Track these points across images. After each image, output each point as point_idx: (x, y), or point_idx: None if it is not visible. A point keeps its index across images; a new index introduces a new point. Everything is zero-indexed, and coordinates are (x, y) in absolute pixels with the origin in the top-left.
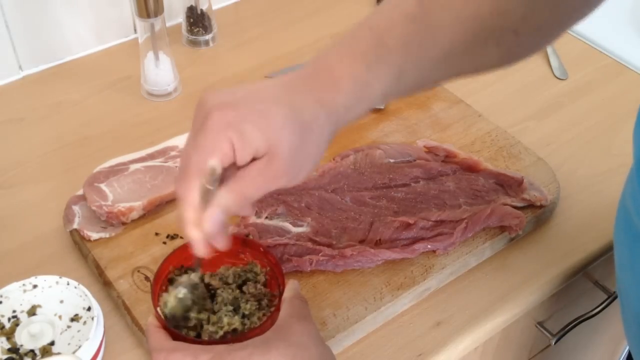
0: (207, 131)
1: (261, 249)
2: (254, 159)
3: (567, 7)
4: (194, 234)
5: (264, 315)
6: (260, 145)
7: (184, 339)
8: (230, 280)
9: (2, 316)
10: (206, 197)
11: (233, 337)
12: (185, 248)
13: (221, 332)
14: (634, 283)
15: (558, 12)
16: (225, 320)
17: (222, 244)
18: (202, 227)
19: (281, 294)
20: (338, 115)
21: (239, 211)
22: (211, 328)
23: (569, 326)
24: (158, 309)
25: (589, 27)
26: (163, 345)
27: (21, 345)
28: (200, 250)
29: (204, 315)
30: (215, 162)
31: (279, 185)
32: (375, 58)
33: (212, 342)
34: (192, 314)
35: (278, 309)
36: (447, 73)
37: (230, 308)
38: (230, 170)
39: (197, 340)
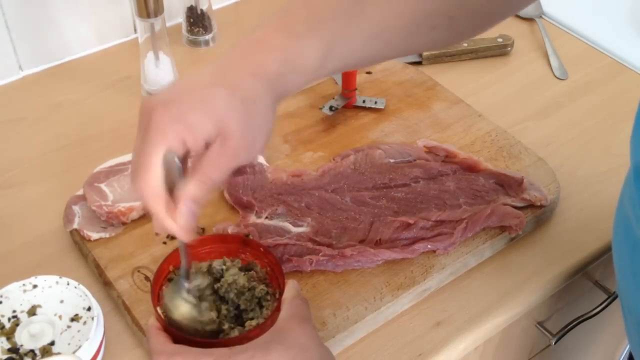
0: (153, 128)
1: (261, 248)
2: (207, 145)
3: None
4: (171, 225)
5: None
6: (210, 130)
7: (185, 340)
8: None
9: (2, 316)
10: (171, 191)
11: (232, 338)
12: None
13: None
14: (636, 290)
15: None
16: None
17: (191, 234)
18: (178, 221)
19: (281, 294)
20: (274, 85)
21: (207, 196)
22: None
23: (569, 326)
24: (158, 309)
25: (589, 27)
26: (164, 348)
27: (21, 345)
28: (183, 236)
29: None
30: (170, 152)
31: (239, 162)
32: (306, 29)
33: (212, 343)
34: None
35: (278, 309)
36: (380, 52)
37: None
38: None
39: (198, 341)
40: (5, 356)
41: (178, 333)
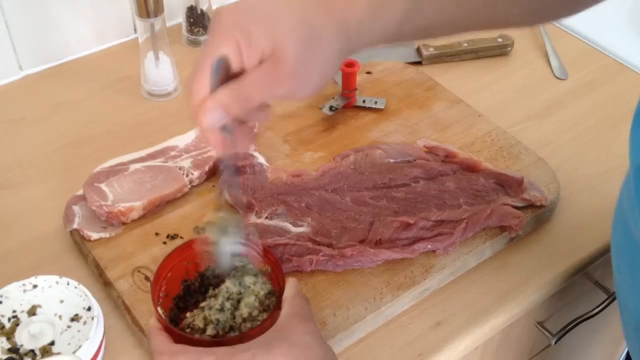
0: (216, 30)
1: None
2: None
3: None
4: (199, 123)
5: (264, 311)
6: (265, 46)
7: (186, 340)
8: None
9: (2, 316)
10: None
11: (234, 337)
12: (185, 248)
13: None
14: (634, 290)
15: None
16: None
17: (219, 144)
18: (198, 119)
19: (281, 293)
20: (349, 31)
21: (238, 111)
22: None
23: (569, 326)
24: (159, 309)
25: (589, 27)
26: (165, 348)
27: (21, 345)
28: (207, 135)
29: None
30: (223, 54)
31: (281, 92)
32: None
33: (213, 343)
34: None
35: (279, 308)
36: (467, 16)
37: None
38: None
39: (199, 341)
40: (5, 356)
41: (179, 333)
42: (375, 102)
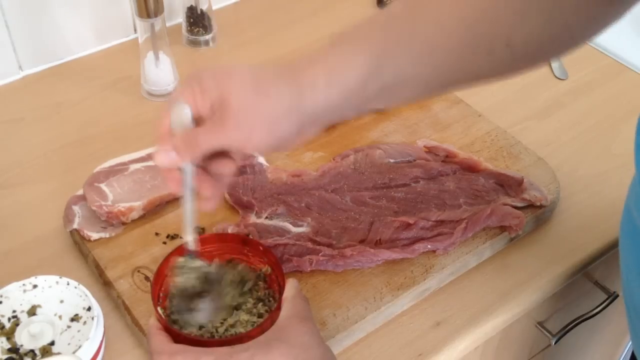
0: (183, 84)
1: (261, 248)
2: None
3: (561, 21)
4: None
5: (266, 312)
6: (214, 95)
7: (186, 340)
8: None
9: (2, 316)
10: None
11: (233, 337)
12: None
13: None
14: None
15: (551, 26)
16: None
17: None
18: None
19: (281, 293)
20: (302, 93)
21: (188, 155)
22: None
23: (569, 326)
24: (159, 309)
25: None
26: (164, 348)
27: (21, 345)
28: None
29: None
30: (182, 101)
31: (228, 141)
32: (351, 47)
33: (213, 342)
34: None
35: (279, 308)
36: (431, 75)
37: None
38: None
39: (199, 340)
40: (5, 356)
41: (178, 332)
42: None
